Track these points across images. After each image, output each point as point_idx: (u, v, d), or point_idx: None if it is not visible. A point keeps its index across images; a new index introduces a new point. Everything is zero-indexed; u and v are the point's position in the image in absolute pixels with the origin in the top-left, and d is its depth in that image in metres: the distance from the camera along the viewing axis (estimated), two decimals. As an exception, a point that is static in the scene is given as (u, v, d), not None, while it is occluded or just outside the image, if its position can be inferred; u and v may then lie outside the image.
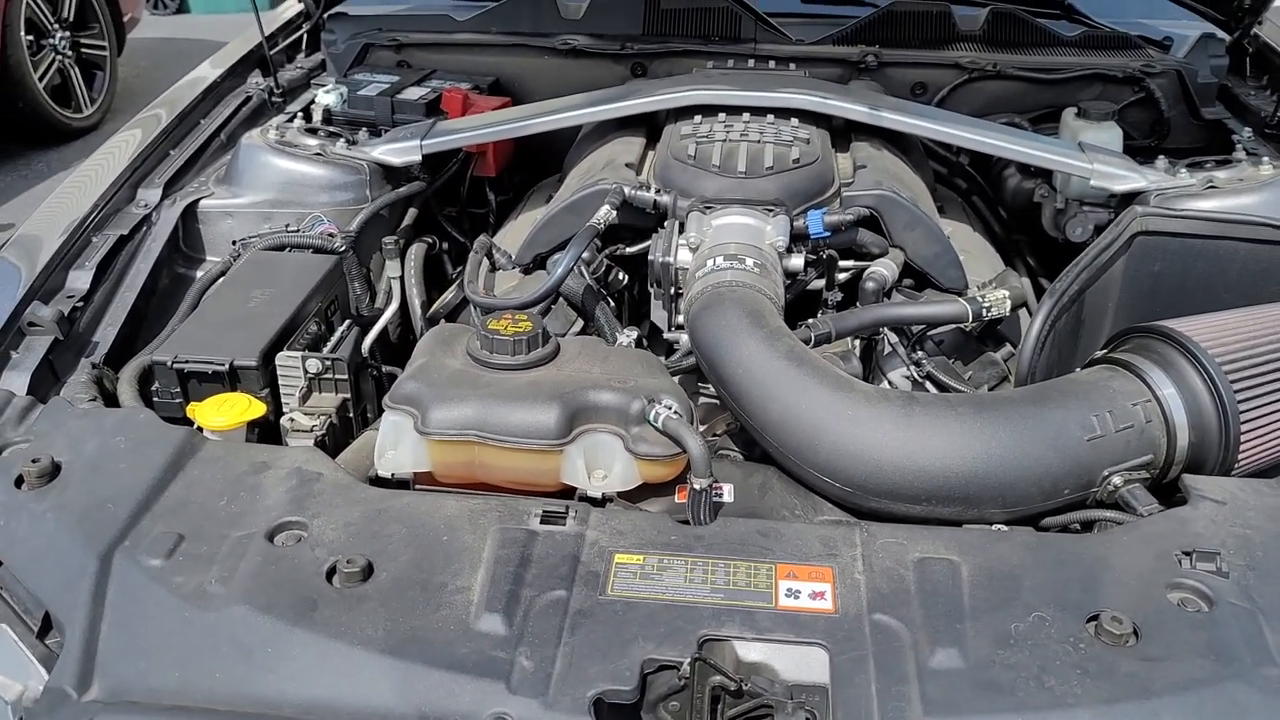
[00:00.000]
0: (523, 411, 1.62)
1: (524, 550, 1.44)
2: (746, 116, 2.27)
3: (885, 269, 2.04)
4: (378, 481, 1.67)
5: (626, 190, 2.07)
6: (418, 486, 1.67)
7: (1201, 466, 1.69)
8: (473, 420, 1.62)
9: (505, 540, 1.48)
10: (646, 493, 1.67)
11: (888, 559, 1.45)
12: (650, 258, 1.99)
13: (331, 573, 1.41)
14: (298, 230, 2.35)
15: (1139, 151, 2.94)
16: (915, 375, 2.00)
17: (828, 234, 2.01)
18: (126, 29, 7.23)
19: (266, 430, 1.86)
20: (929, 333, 2.02)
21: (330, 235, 2.33)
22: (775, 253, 1.95)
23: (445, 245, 2.70)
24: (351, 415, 1.93)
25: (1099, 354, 1.82)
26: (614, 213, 2.03)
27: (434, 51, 3.01)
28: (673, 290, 1.99)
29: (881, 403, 1.64)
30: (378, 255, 2.42)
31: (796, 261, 1.99)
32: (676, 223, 2.02)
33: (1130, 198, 2.33)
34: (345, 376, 1.89)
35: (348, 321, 2.11)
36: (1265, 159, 2.31)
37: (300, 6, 3.19)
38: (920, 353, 1.99)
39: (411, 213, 2.54)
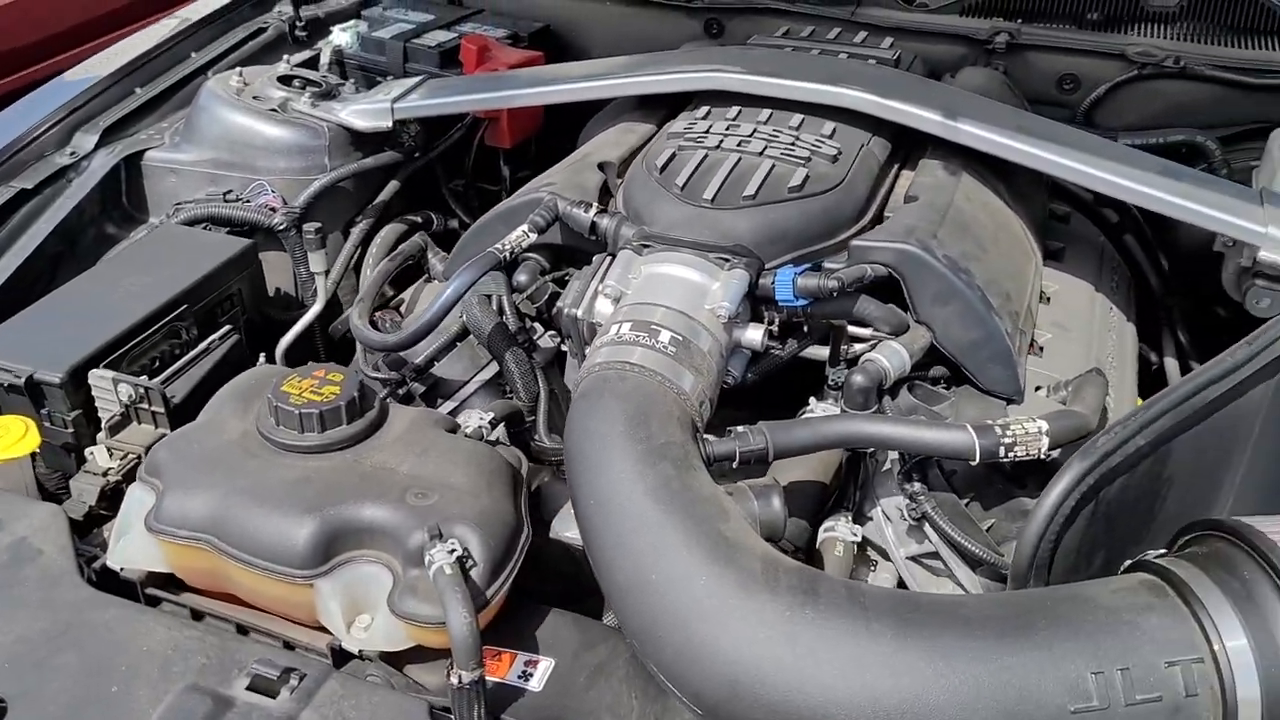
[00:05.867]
0: (268, 522, 1.20)
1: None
2: (766, 114, 1.69)
3: (890, 358, 1.44)
4: (106, 575, 1.30)
5: (560, 205, 1.56)
6: (151, 591, 1.29)
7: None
8: (208, 521, 1.22)
9: (180, 713, 1.08)
10: (430, 653, 1.21)
11: None
12: (558, 305, 1.49)
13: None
14: (238, 199, 1.98)
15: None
16: (906, 513, 1.41)
17: (803, 302, 1.43)
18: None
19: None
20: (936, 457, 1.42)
21: (271, 209, 1.96)
22: (719, 322, 1.40)
23: (456, 224, 2.27)
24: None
25: (1151, 554, 1.18)
26: (533, 235, 1.53)
27: (490, -14, 2.55)
28: (586, 353, 1.48)
29: (764, 591, 1.10)
30: (336, 236, 2.03)
31: (753, 335, 1.43)
32: (606, 260, 1.50)
33: (1321, 280, 1.59)
34: (161, 409, 1.51)
35: (226, 328, 1.72)
36: None
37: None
38: (918, 484, 1.40)
39: (392, 186, 2.12)
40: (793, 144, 1.61)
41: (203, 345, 1.67)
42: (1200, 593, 1.09)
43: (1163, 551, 1.19)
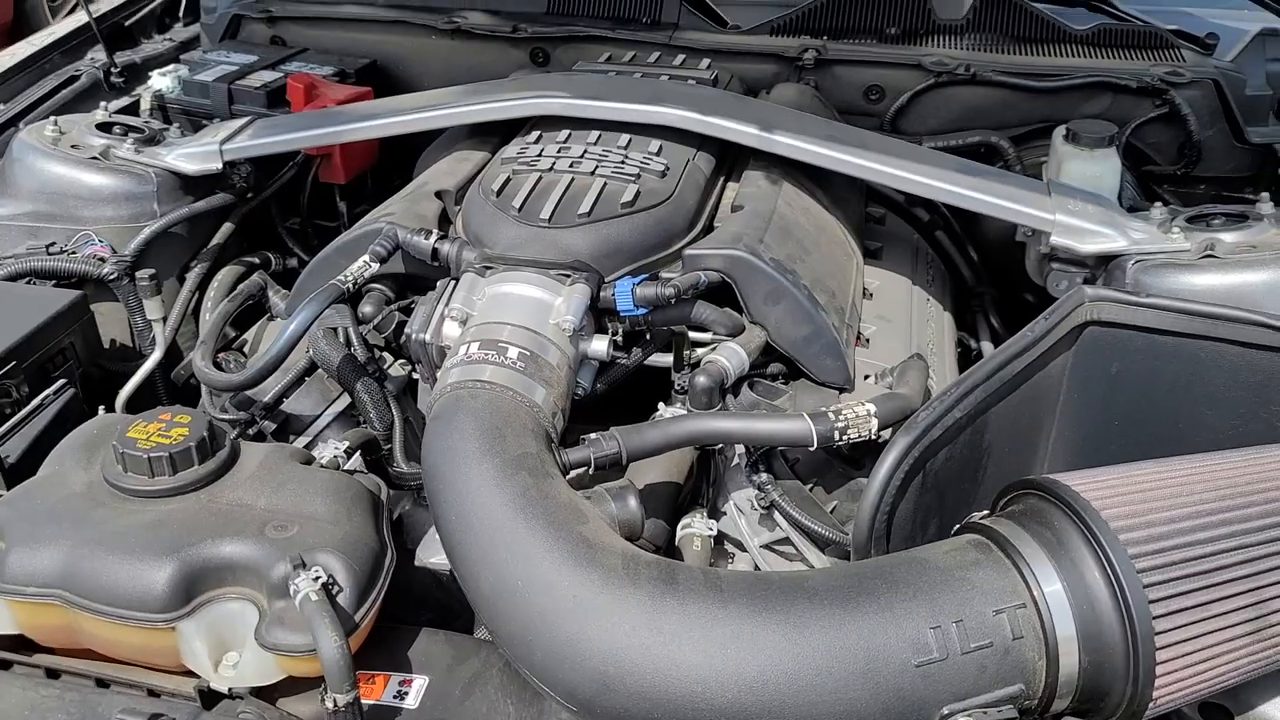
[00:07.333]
0: (122, 569, 1.18)
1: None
2: (595, 135, 1.76)
3: (729, 358, 1.52)
4: (-49, 642, 1.25)
5: (401, 234, 1.59)
6: (0, 655, 1.25)
7: (1102, 701, 1.16)
8: (57, 575, 1.19)
9: (43, 769, 1.05)
10: (302, 684, 1.22)
11: None
12: (406, 331, 1.51)
13: None
14: (62, 251, 1.93)
15: (1162, 180, 2.36)
16: (755, 504, 1.49)
17: (643, 311, 1.50)
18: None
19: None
20: (779, 448, 1.50)
21: (100, 259, 1.91)
22: (564, 335, 1.45)
23: (295, 262, 2.26)
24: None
25: (977, 516, 1.29)
26: (375, 265, 1.55)
27: (312, 27, 2.55)
28: (438, 376, 1.51)
29: (625, 586, 1.15)
30: (171, 282, 1.99)
31: (598, 345, 1.49)
32: (450, 284, 1.54)
33: (1108, 259, 1.76)
34: (-5, 472, 1.47)
35: (60, 382, 1.67)
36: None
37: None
38: (764, 474, 1.48)
39: (226, 228, 2.10)
40: (622, 162, 1.68)
41: (35, 402, 1.62)
42: (1019, 545, 1.19)
43: (986, 512, 1.30)
